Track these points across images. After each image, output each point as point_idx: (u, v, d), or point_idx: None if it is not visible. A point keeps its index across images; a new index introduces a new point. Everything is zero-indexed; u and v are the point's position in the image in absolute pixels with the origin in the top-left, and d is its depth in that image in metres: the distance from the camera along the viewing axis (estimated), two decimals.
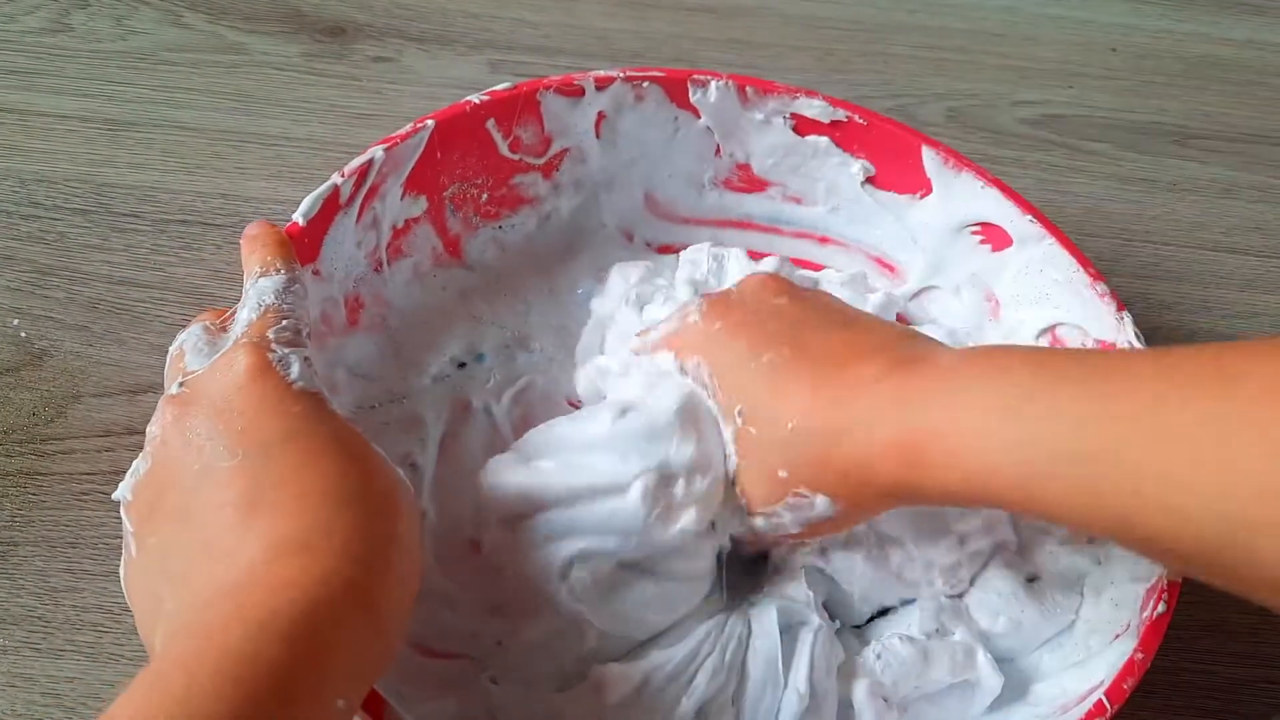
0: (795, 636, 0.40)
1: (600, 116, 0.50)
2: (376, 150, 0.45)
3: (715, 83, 0.50)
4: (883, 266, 0.53)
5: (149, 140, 0.58)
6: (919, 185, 0.51)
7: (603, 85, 0.49)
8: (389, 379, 0.47)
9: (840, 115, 0.50)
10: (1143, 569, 0.41)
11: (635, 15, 0.68)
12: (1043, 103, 0.68)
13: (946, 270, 0.51)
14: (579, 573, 0.38)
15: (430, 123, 0.47)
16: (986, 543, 0.43)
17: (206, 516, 0.31)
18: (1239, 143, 0.67)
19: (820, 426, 0.37)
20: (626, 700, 0.38)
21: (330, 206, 0.44)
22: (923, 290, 0.52)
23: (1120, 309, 0.46)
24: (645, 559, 0.39)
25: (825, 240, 0.54)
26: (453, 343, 0.49)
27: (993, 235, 0.50)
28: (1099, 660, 0.40)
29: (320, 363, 0.42)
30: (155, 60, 0.62)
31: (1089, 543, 0.43)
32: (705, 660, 0.39)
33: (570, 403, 0.48)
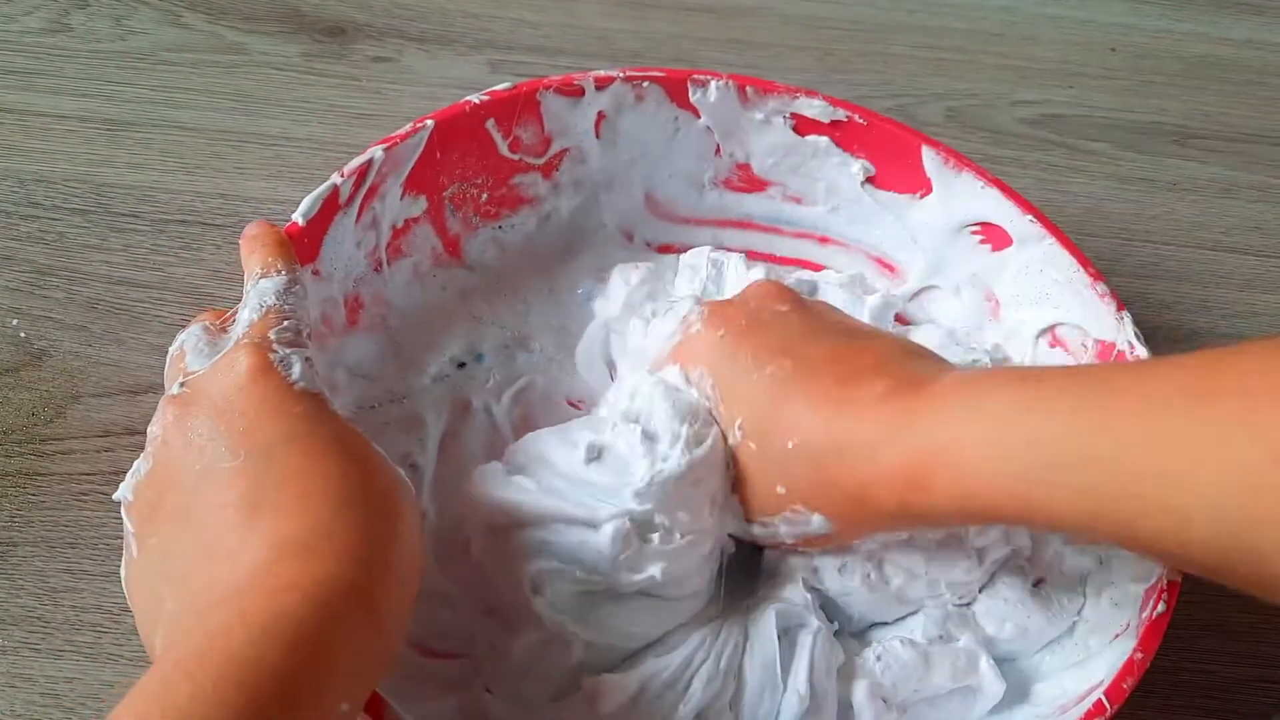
0: (794, 638, 0.40)
1: (600, 116, 0.50)
2: (376, 150, 0.45)
3: (715, 82, 0.50)
4: (883, 266, 0.53)
5: (148, 140, 0.58)
6: (919, 185, 0.51)
7: (603, 85, 0.49)
8: (389, 379, 0.47)
9: (840, 115, 0.50)
10: (1143, 569, 0.41)
11: (635, 15, 0.68)
12: (1042, 102, 0.68)
13: (946, 270, 0.51)
14: (551, 589, 0.38)
15: (430, 123, 0.47)
16: (1002, 552, 0.42)
17: (208, 517, 0.31)
18: (1238, 142, 0.67)
19: (819, 446, 0.37)
20: (622, 710, 0.37)
21: (330, 206, 0.44)
22: (923, 290, 0.52)
23: (1120, 309, 0.46)
24: (620, 588, 0.38)
25: (825, 240, 0.54)
26: (453, 343, 0.49)
27: (993, 235, 0.50)
28: (1099, 660, 0.40)
29: (320, 363, 0.42)
30: (154, 60, 0.62)
31: (1091, 543, 0.43)
32: (701, 667, 0.38)
33: (570, 403, 0.48)
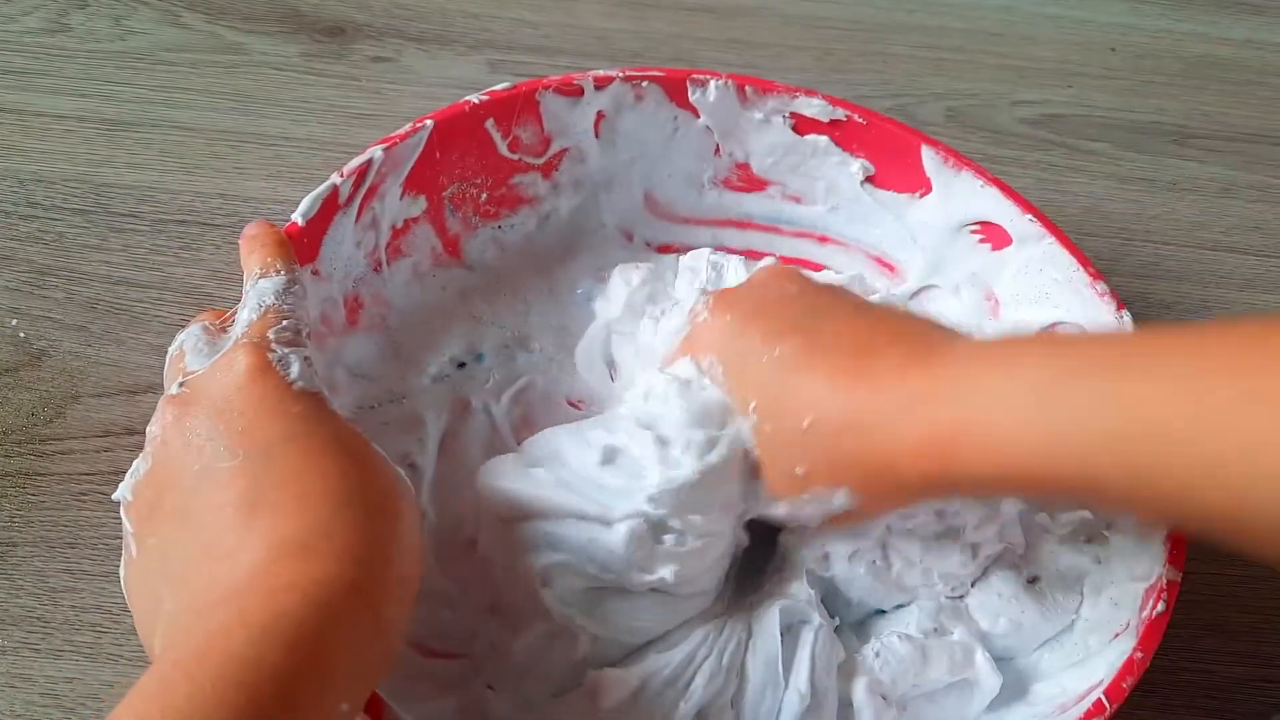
0: (796, 636, 0.40)
1: (599, 116, 0.50)
2: (376, 150, 0.45)
3: (714, 82, 0.50)
4: (882, 266, 0.53)
5: (147, 140, 0.58)
6: (918, 184, 0.51)
7: (602, 85, 0.49)
8: (388, 379, 0.47)
9: (840, 114, 0.50)
10: (1142, 568, 0.41)
11: (635, 15, 0.68)
12: (1042, 102, 0.68)
13: (946, 269, 0.51)
14: (560, 583, 0.38)
15: (429, 123, 0.47)
16: (995, 548, 0.42)
17: (207, 517, 0.31)
18: (1238, 142, 0.67)
19: (838, 423, 0.36)
20: (623, 706, 0.38)
21: (329, 206, 0.44)
22: (922, 289, 0.52)
23: (1120, 308, 0.46)
24: (630, 586, 0.38)
25: (825, 239, 0.54)
26: (452, 343, 0.49)
27: (992, 234, 0.50)
28: (1098, 659, 0.40)
29: (320, 363, 0.42)
30: (154, 60, 0.62)
31: (1087, 541, 0.43)
32: (703, 663, 0.38)
33: (570, 402, 0.48)
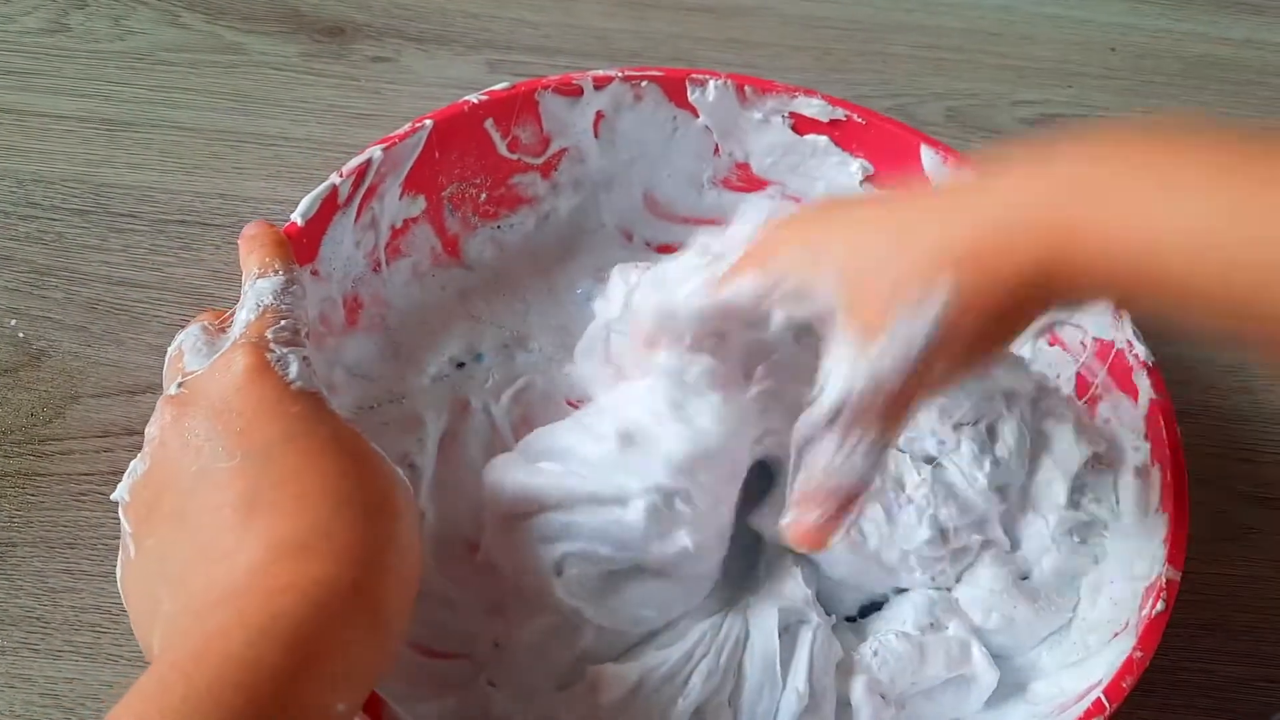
0: (794, 635, 0.40)
1: (599, 116, 0.50)
2: (375, 150, 0.45)
3: (714, 82, 0.50)
4: None
5: (147, 140, 0.58)
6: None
7: (601, 85, 0.49)
8: (388, 379, 0.47)
9: (839, 114, 0.50)
10: (1141, 567, 0.41)
11: (634, 15, 0.68)
12: (1042, 102, 0.68)
13: None
14: (573, 571, 0.38)
15: (429, 122, 0.47)
16: (973, 540, 0.43)
17: (205, 518, 0.31)
18: None
19: (941, 209, 0.34)
20: (622, 701, 0.38)
21: (329, 206, 0.44)
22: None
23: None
24: (644, 564, 0.39)
25: None
26: (452, 343, 0.49)
27: None
28: (1097, 659, 0.40)
29: (319, 363, 0.42)
30: (153, 60, 0.62)
31: (1081, 542, 0.43)
32: (700, 662, 0.39)
33: (569, 402, 0.48)
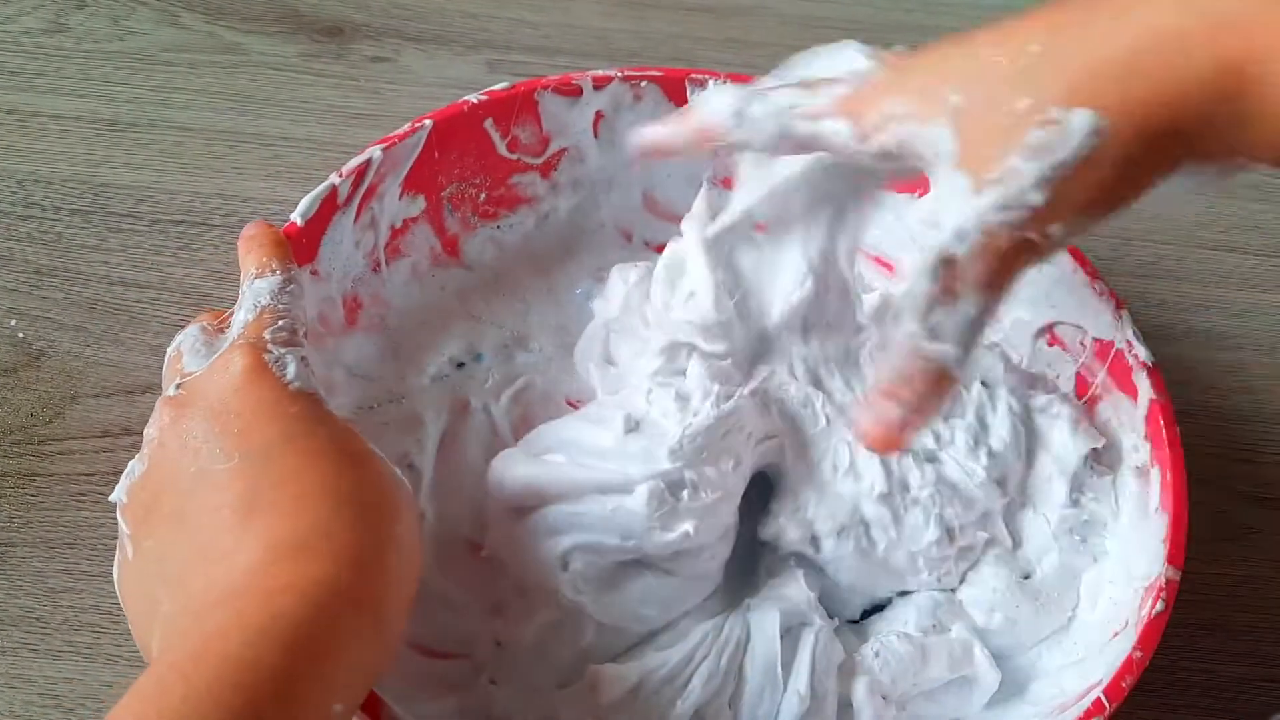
0: (796, 637, 0.40)
1: (598, 116, 0.50)
2: (374, 150, 0.45)
3: (713, 82, 0.50)
4: (881, 265, 0.53)
5: (146, 140, 0.58)
6: (917, 184, 0.50)
7: (601, 85, 0.49)
8: (387, 379, 0.47)
9: None
10: (1141, 567, 0.41)
11: (633, 15, 0.68)
12: None
13: None
14: (578, 564, 0.39)
15: (428, 122, 0.47)
16: (979, 538, 0.43)
17: (203, 519, 0.31)
18: None
19: (1084, 23, 0.29)
20: (622, 701, 0.38)
21: (328, 206, 0.44)
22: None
23: (1119, 307, 0.46)
24: (648, 556, 0.39)
25: None
26: (451, 343, 0.49)
27: None
28: (1097, 659, 0.40)
29: (318, 363, 0.42)
30: (152, 60, 0.62)
31: (1082, 541, 0.43)
32: (701, 664, 0.39)
33: (569, 402, 0.48)
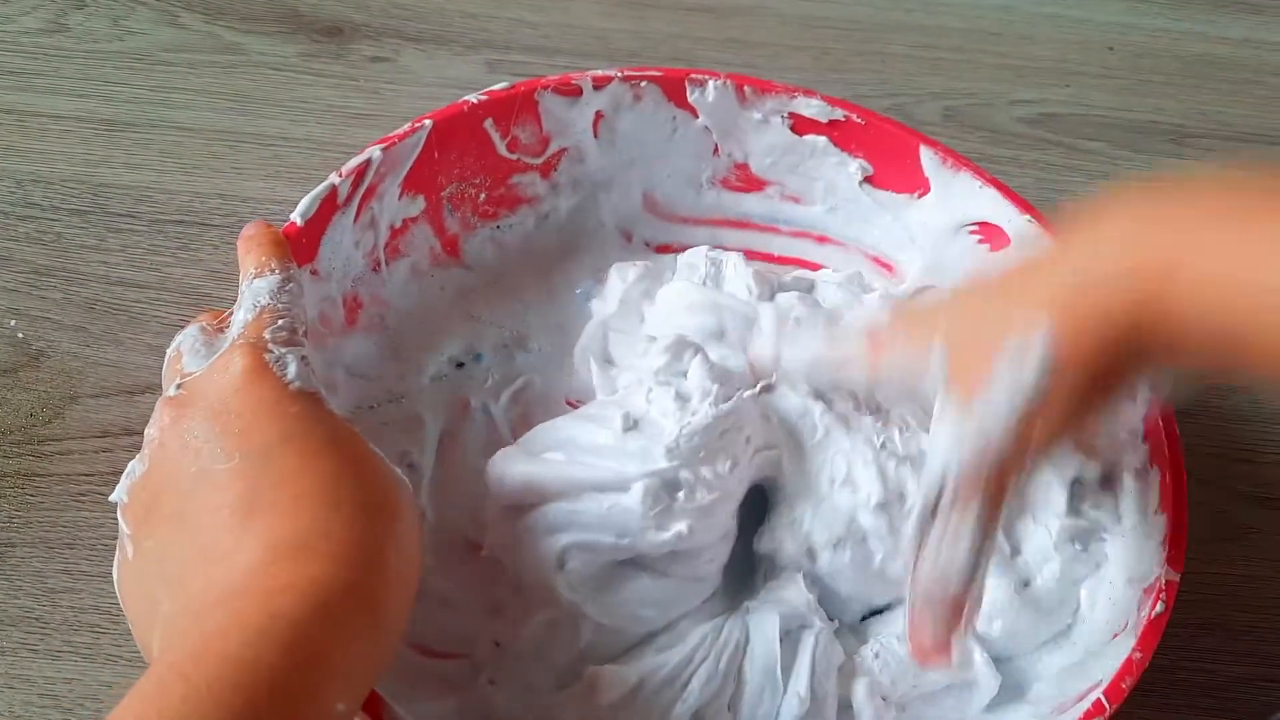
0: (796, 640, 0.40)
1: (598, 116, 0.50)
2: (374, 150, 0.45)
3: (713, 82, 0.50)
4: (880, 266, 0.53)
5: (146, 140, 0.58)
6: (917, 185, 0.51)
7: (600, 85, 0.49)
8: (387, 379, 0.47)
9: (838, 115, 0.50)
10: (1141, 568, 0.41)
11: (633, 15, 0.68)
12: (1040, 102, 0.68)
13: (944, 270, 0.51)
14: (575, 563, 0.39)
15: (428, 122, 0.47)
16: None
17: (204, 519, 0.31)
18: (1236, 141, 0.67)
19: (1038, 266, 0.35)
20: (621, 702, 0.38)
21: (328, 206, 0.44)
22: (921, 290, 0.52)
23: None
24: (645, 556, 0.39)
25: (823, 240, 0.54)
26: (451, 342, 0.49)
27: (991, 235, 0.50)
28: (1097, 660, 0.40)
29: (318, 363, 0.42)
30: (152, 60, 0.62)
31: (1083, 549, 0.43)
32: (700, 665, 0.39)
33: (569, 402, 0.48)
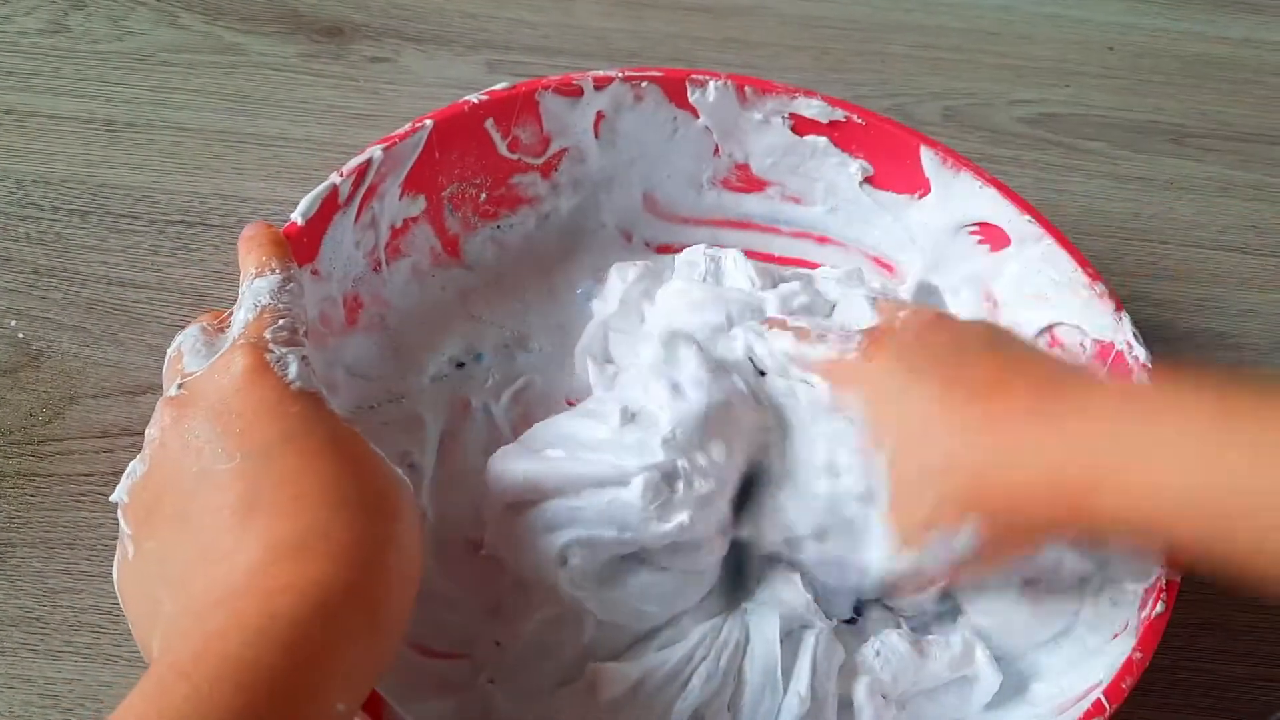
0: (797, 640, 0.40)
1: (599, 116, 0.50)
2: (375, 150, 0.45)
3: (714, 82, 0.50)
4: (881, 266, 0.53)
5: (146, 141, 0.58)
6: (917, 185, 0.51)
7: (601, 85, 0.49)
8: (388, 379, 0.47)
9: (839, 115, 0.50)
10: (1141, 569, 0.41)
11: (632, 15, 0.68)
12: (1039, 101, 0.68)
13: (945, 270, 0.51)
14: (576, 560, 0.39)
15: (429, 122, 0.47)
16: None
17: (204, 519, 0.31)
18: (1235, 141, 0.67)
19: (969, 457, 0.37)
20: (621, 700, 0.38)
21: (329, 206, 0.44)
22: (921, 290, 0.52)
23: (1118, 308, 0.46)
24: (646, 551, 0.39)
25: (824, 240, 0.54)
26: (452, 342, 0.49)
27: (991, 235, 0.50)
28: (1097, 659, 0.40)
29: (319, 363, 0.42)
30: (152, 61, 0.62)
31: (1085, 549, 0.43)
32: (700, 664, 0.39)
33: (569, 401, 0.48)
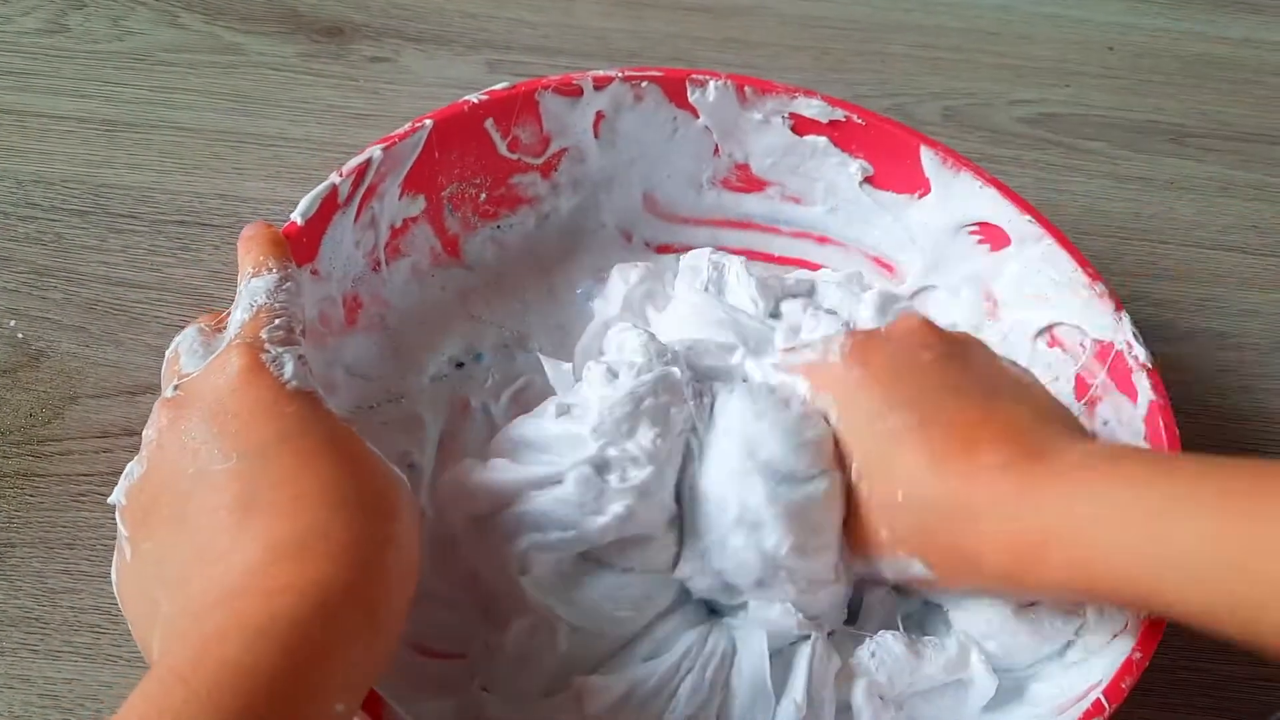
0: (791, 652, 0.40)
1: (599, 116, 0.50)
2: (375, 150, 0.45)
3: (714, 82, 0.50)
4: (881, 266, 0.53)
5: (146, 141, 0.58)
6: (917, 185, 0.51)
7: (601, 85, 0.49)
8: (387, 379, 0.47)
9: (839, 115, 0.50)
10: None
11: (632, 15, 0.68)
12: (1039, 101, 0.68)
13: (945, 270, 0.51)
14: (536, 566, 0.39)
15: (428, 122, 0.47)
16: None
17: (202, 520, 0.31)
18: (1236, 141, 0.67)
19: (931, 503, 0.37)
20: (609, 711, 0.38)
21: (328, 206, 0.44)
22: (921, 290, 0.52)
23: (1118, 308, 0.46)
24: (598, 550, 0.39)
25: (824, 240, 0.54)
26: (451, 342, 0.49)
27: (991, 235, 0.50)
28: (1097, 659, 0.40)
29: (318, 362, 0.42)
30: (152, 61, 0.62)
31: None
32: (686, 677, 0.39)
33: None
